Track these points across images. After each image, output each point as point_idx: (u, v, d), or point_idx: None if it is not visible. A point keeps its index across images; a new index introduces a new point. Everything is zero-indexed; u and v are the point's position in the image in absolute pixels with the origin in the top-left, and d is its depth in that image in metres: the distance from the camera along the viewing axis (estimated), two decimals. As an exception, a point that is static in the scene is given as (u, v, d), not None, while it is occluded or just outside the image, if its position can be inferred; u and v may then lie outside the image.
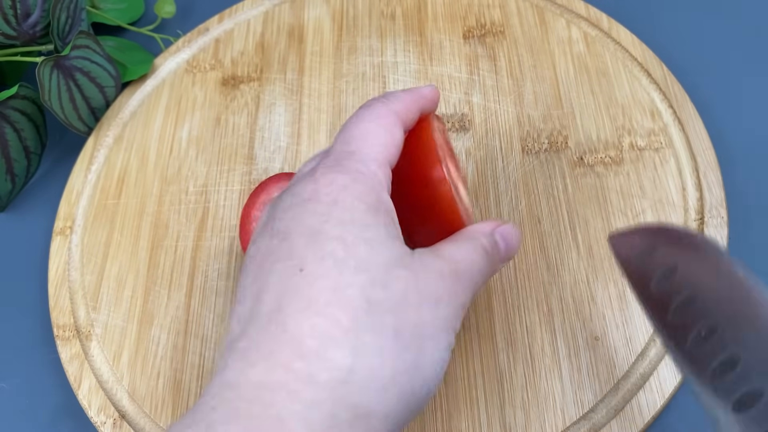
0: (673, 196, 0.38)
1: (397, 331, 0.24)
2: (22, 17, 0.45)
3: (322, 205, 0.26)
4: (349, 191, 0.26)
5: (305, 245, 0.25)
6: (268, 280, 0.24)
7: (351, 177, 0.26)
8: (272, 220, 0.27)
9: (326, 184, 0.26)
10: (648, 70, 0.42)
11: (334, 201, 0.25)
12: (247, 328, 0.24)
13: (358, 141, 0.28)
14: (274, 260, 0.25)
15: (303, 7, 0.50)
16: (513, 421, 0.33)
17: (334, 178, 0.26)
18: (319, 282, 0.24)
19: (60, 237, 0.43)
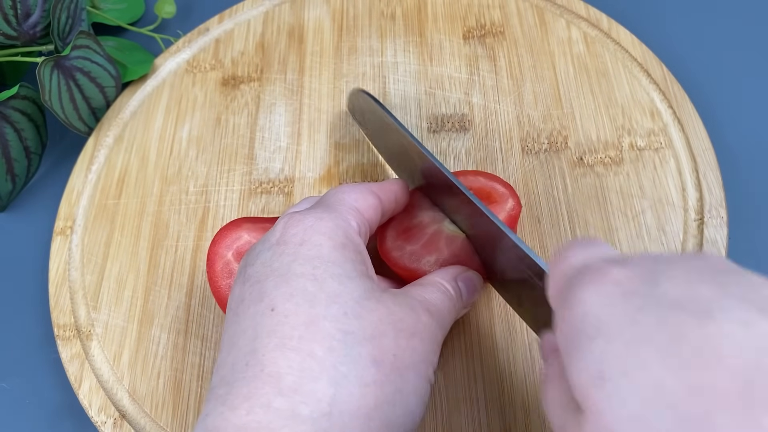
0: (673, 197, 0.38)
1: (376, 360, 0.24)
2: (22, 17, 0.45)
3: (289, 246, 0.26)
4: (315, 229, 0.27)
5: (274, 286, 0.25)
6: (242, 326, 0.25)
7: (317, 217, 0.27)
8: (244, 267, 0.27)
9: (293, 226, 0.27)
10: (648, 70, 0.42)
11: (301, 241, 0.26)
12: (226, 375, 0.24)
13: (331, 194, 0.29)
14: (247, 305, 0.25)
15: (303, 7, 0.50)
16: (513, 421, 0.33)
17: (302, 219, 0.27)
18: (290, 319, 0.24)
19: (60, 237, 0.43)
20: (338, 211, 0.28)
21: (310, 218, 0.27)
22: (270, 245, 0.27)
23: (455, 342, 0.35)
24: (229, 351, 0.24)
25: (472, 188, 0.36)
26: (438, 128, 0.43)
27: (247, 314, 0.25)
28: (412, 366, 0.25)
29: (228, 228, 0.35)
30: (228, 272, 0.34)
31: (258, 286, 0.25)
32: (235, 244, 0.34)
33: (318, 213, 0.28)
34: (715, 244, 0.36)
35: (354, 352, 0.23)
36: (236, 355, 0.24)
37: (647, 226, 0.37)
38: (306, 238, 0.26)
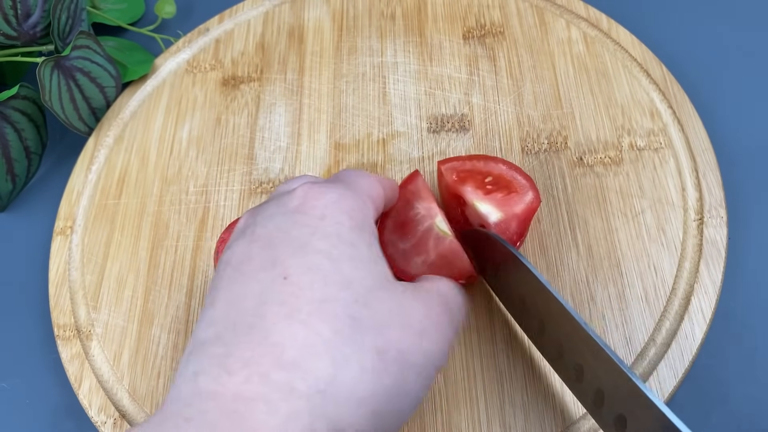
0: (673, 197, 0.38)
1: (380, 351, 0.23)
2: (22, 17, 0.45)
3: (309, 217, 0.26)
4: (337, 206, 0.26)
5: (291, 255, 0.24)
6: (248, 287, 0.24)
7: (339, 194, 0.27)
8: (253, 225, 0.27)
9: (314, 197, 0.26)
10: (647, 70, 0.42)
11: (322, 216, 0.26)
12: (223, 333, 0.23)
13: (344, 176, 0.29)
14: (256, 267, 0.25)
15: (303, 8, 0.50)
16: (513, 421, 0.33)
17: (324, 192, 0.27)
18: (304, 292, 0.23)
19: (60, 237, 0.43)
20: (357, 192, 0.28)
21: (332, 193, 0.27)
22: (286, 211, 0.26)
23: (455, 342, 0.35)
24: (229, 308, 0.24)
25: (492, 174, 0.36)
26: (438, 128, 0.43)
27: (256, 276, 0.24)
28: (415, 366, 0.25)
29: (231, 229, 0.35)
30: None
31: (271, 250, 0.25)
32: None
33: (340, 189, 0.27)
34: (714, 244, 0.36)
35: (359, 338, 0.23)
36: (238, 315, 0.23)
37: (647, 226, 0.37)
38: (327, 213, 0.26)
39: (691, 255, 0.36)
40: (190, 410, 0.21)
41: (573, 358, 0.28)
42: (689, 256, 0.36)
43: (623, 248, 0.36)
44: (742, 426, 0.33)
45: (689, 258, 0.36)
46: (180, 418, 0.21)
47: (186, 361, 0.23)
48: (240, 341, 0.23)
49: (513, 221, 0.35)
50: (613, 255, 0.36)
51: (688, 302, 0.35)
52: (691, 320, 0.34)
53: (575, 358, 0.28)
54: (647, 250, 0.36)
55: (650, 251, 0.36)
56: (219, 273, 0.26)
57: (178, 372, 0.24)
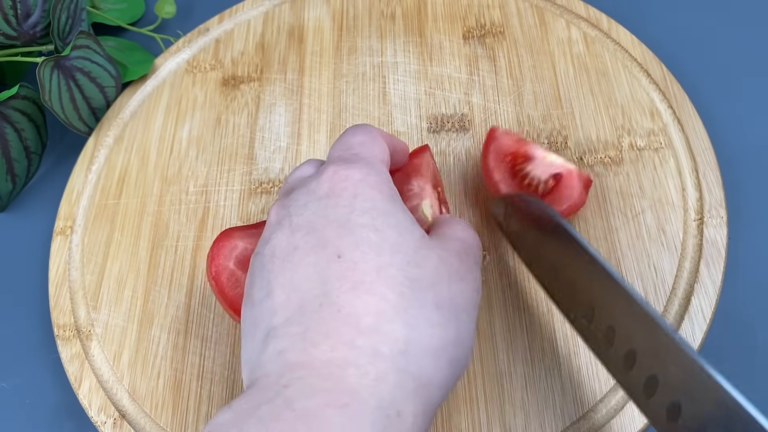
0: (673, 196, 0.38)
1: (437, 305, 0.25)
2: (22, 17, 0.45)
3: (342, 198, 0.27)
4: (366, 183, 0.28)
5: (337, 235, 0.26)
6: (303, 272, 0.25)
7: (364, 172, 0.28)
8: (288, 216, 0.28)
9: (341, 180, 0.28)
10: (647, 70, 0.42)
11: (354, 195, 0.27)
12: (293, 316, 0.25)
13: (358, 147, 0.30)
14: (305, 253, 0.26)
15: (303, 8, 0.50)
16: (513, 420, 0.33)
17: (348, 174, 0.28)
18: (360, 266, 0.25)
19: (60, 237, 0.43)
20: (376, 165, 0.29)
21: (357, 173, 0.28)
22: (319, 197, 0.27)
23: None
24: (291, 294, 0.25)
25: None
26: (438, 128, 0.43)
27: (307, 261, 0.26)
28: (464, 309, 0.26)
29: (221, 240, 0.35)
30: (235, 281, 0.34)
31: (315, 234, 0.26)
32: (234, 254, 0.34)
33: (362, 168, 0.28)
34: (714, 244, 0.36)
35: (420, 297, 0.25)
36: (303, 298, 0.25)
37: (647, 226, 0.37)
38: (358, 191, 0.27)
39: (691, 255, 0.36)
40: (284, 379, 0.23)
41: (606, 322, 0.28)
42: (689, 256, 0.36)
43: (623, 248, 0.36)
44: (742, 426, 0.33)
45: (689, 258, 0.36)
46: (277, 386, 0.23)
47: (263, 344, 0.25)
48: (314, 318, 0.24)
49: (580, 180, 0.36)
50: (613, 255, 0.36)
51: (688, 302, 0.35)
52: (691, 320, 0.34)
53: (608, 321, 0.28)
54: (647, 250, 0.36)
55: (650, 251, 0.36)
56: (265, 266, 0.27)
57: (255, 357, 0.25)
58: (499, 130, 0.39)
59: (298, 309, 0.25)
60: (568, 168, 0.36)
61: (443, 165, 0.41)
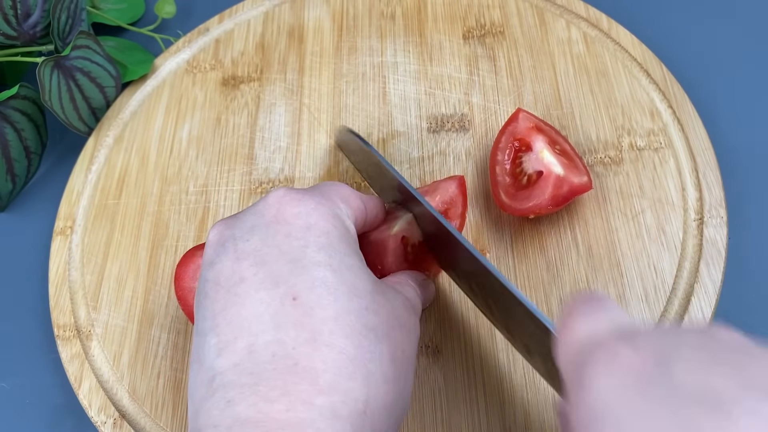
0: (673, 196, 0.38)
1: (392, 358, 0.24)
2: (22, 17, 0.45)
3: (294, 228, 0.25)
4: (320, 214, 0.26)
5: (290, 272, 0.24)
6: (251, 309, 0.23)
7: (317, 201, 0.26)
8: (233, 240, 0.25)
9: (292, 205, 0.26)
10: (647, 70, 0.42)
11: (307, 225, 0.25)
12: (243, 362, 0.23)
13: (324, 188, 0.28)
14: (254, 288, 0.24)
15: (303, 8, 0.50)
16: (513, 421, 0.33)
17: (301, 199, 0.26)
18: (317, 312, 0.23)
19: (60, 237, 0.43)
20: (333, 200, 0.27)
21: (310, 201, 0.26)
22: (267, 222, 0.25)
23: (455, 342, 0.35)
24: (237, 335, 0.23)
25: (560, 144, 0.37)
26: (438, 128, 0.43)
27: (256, 297, 0.24)
28: (410, 360, 0.26)
29: (184, 262, 0.34)
30: None
31: (265, 267, 0.24)
32: (197, 274, 0.34)
33: (316, 197, 0.26)
34: (714, 244, 0.36)
35: (377, 349, 0.24)
36: (254, 342, 0.23)
37: (647, 226, 0.37)
38: (311, 222, 0.25)
39: (691, 255, 0.36)
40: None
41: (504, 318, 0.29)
42: (689, 256, 0.36)
43: (623, 248, 0.36)
44: (742, 426, 0.33)
45: (689, 258, 0.36)
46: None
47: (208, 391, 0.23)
48: (267, 370, 0.22)
49: (566, 185, 0.36)
50: (613, 255, 0.36)
51: (688, 302, 0.35)
52: (691, 320, 0.34)
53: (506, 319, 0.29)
54: (647, 250, 0.36)
55: (650, 251, 0.36)
56: (208, 294, 0.25)
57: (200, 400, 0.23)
58: (523, 114, 0.39)
59: (248, 354, 0.23)
60: (549, 170, 0.36)
61: (443, 165, 0.41)
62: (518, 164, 0.38)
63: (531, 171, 0.37)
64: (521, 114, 0.39)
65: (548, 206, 0.35)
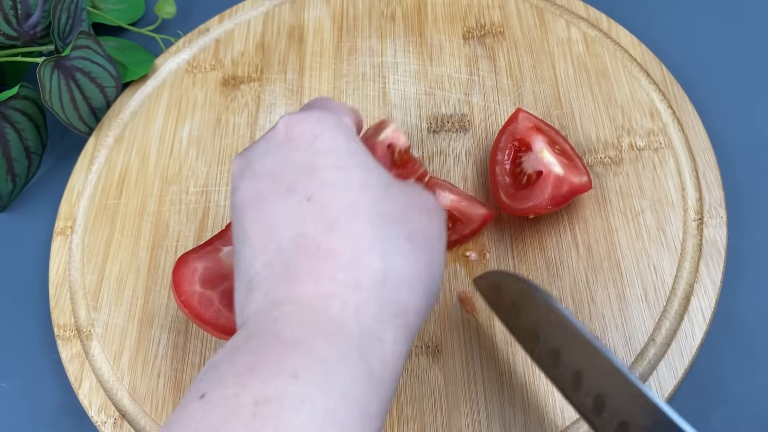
0: (673, 196, 0.38)
1: (409, 237, 0.26)
2: (22, 18, 0.45)
3: (302, 141, 0.27)
4: (323, 125, 0.28)
5: (303, 179, 0.26)
6: (274, 218, 0.26)
7: (317, 115, 0.28)
8: (249, 166, 0.28)
9: (297, 124, 0.28)
10: (647, 70, 0.42)
11: (313, 137, 0.28)
12: (272, 258, 0.26)
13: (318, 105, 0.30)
14: (273, 199, 0.27)
15: (303, 8, 0.50)
16: (513, 420, 0.33)
17: (304, 118, 0.28)
18: (331, 205, 0.26)
19: (61, 237, 0.43)
20: (333, 111, 0.29)
21: (312, 117, 0.28)
22: (277, 144, 0.28)
23: (455, 342, 0.35)
24: (267, 240, 0.26)
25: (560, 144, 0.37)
26: (438, 128, 0.43)
27: (277, 207, 0.26)
28: (435, 239, 0.28)
29: (180, 267, 0.35)
30: (207, 301, 0.34)
31: (281, 181, 0.27)
32: (196, 276, 0.35)
33: (317, 112, 0.28)
34: (714, 244, 0.36)
35: (392, 230, 0.26)
36: (280, 241, 0.26)
37: (647, 226, 0.37)
38: (317, 132, 0.27)
39: (690, 255, 0.36)
40: (273, 315, 0.24)
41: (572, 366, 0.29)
42: (689, 256, 0.36)
43: (623, 248, 0.36)
44: (742, 426, 0.33)
45: (689, 258, 0.36)
46: (266, 322, 0.24)
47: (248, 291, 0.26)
48: (293, 258, 0.25)
49: (565, 185, 0.36)
50: (613, 255, 0.36)
51: (687, 302, 0.35)
52: (691, 320, 0.34)
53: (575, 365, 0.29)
54: (647, 250, 0.36)
55: (650, 251, 0.36)
56: (238, 216, 0.28)
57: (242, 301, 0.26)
58: (523, 114, 0.39)
59: (276, 252, 0.26)
60: (549, 170, 0.36)
61: (443, 165, 0.41)
62: (518, 164, 0.38)
63: (531, 171, 0.37)
64: (521, 114, 0.39)
65: (548, 206, 0.35)
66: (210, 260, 0.35)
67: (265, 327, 0.24)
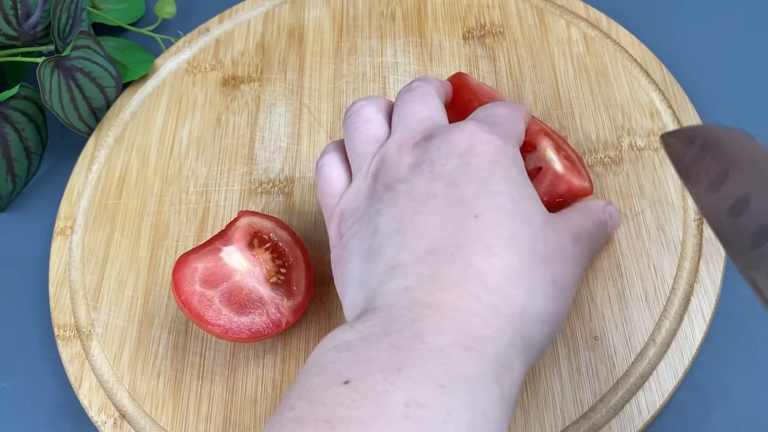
0: (673, 196, 0.38)
1: (554, 280, 0.28)
2: (22, 18, 0.45)
3: (483, 160, 0.29)
4: (504, 153, 0.29)
5: (476, 196, 0.27)
6: (439, 220, 0.27)
7: (503, 141, 0.30)
8: (430, 162, 0.29)
9: (483, 142, 0.29)
10: (647, 70, 0.42)
11: (494, 160, 0.29)
12: (424, 257, 0.26)
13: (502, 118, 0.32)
14: (443, 204, 0.28)
15: (303, 8, 0.50)
16: (513, 420, 0.33)
17: (490, 138, 0.29)
18: (495, 229, 0.27)
19: (61, 237, 0.43)
20: (513, 138, 0.31)
21: (497, 140, 0.29)
22: (461, 152, 0.29)
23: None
24: (423, 236, 0.27)
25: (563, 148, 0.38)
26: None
27: (444, 212, 0.27)
28: (569, 288, 0.29)
29: (180, 268, 0.35)
30: (207, 302, 0.34)
31: (456, 189, 0.28)
32: (196, 276, 0.34)
33: (502, 137, 0.30)
34: (714, 244, 0.36)
35: (541, 270, 0.27)
36: (435, 244, 0.26)
37: (647, 226, 0.37)
38: (498, 158, 0.29)
39: (690, 255, 0.36)
40: (412, 314, 0.24)
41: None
42: (689, 256, 0.36)
43: (623, 248, 0.36)
44: (742, 426, 0.33)
45: (689, 258, 0.36)
46: (405, 319, 0.24)
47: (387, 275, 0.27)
48: (444, 265, 0.26)
49: (563, 183, 0.36)
50: (613, 255, 0.36)
51: (687, 302, 0.35)
52: (691, 320, 0.34)
53: None
54: (647, 250, 0.36)
55: (650, 251, 0.36)
56: (398, 202, 0.28)
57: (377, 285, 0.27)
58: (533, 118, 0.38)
59: (429, 252, 0.26)
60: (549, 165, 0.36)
61: (443, 165, 0.41)
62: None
63: (531, 167, 0.37)
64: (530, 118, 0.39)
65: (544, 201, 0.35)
66: (210, 260, 0.35)
67: (404, 325, 0.24)
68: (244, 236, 0.36)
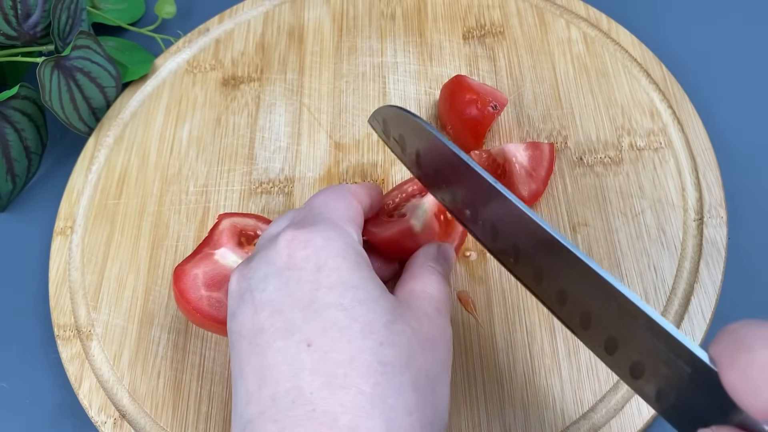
0: (673, 196, 0.38)
1: (414, 386, 0.24)
2: (22, 18, 0.45)
3: (305, 272, 0.26)
4: (328, 252, 0.26)
5: (303, 318, 0.25)
6: (272, 358, 0.24)
7: (325, 236, 0.26)
8: (250, 291, 0.26)
9: (300, 248, 0.26)
10: (647, 70, 0.42)
11: (317, 267, 0.26)
12: (267, 410, 0.24)
13: (320, 207, 0.29)
14: (272, 337, 0.25)
15: (303, 8, 0.50)
16: (513, 420, 0.33)
17: (309, 240, 0.26)
18: (331, 355, 0.24)
19: (61, 237, 0.43)
20: (339, 226, 0.27)
21: (318, 238, 0.26)
22: (278, 269, 0.26)
23: (455, 342, 0.35)
24: (261, 384, 0.24)
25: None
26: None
27: (275, 347, 0.25)
28: (438, 377, 0.26)
29: (180, 277, 0.35)
30: (217, 303, 0.34)
31: (281, 316, 0.25)
32: (198, 282, 0.35)
33: (322, 231, 0.27)
34: (714, 244, 0.36)
35: (396, 382, 0.24)
36: (275, 390, 0.24)
37: (647, 226, 0.37)
38: (321, 262, 0.26)
39: (690, 255, 0.36)
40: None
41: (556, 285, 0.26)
42: (689, 256, 0.36)
43: (623, 248, 0.36)
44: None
45: (689, 258, 0.36)
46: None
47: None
48: (288, 416, 0.23)
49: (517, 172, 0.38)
50: (613, 255, 0.36)
51: (687, 302, 0.35)
52: (691, 320, 0.34)
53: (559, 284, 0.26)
54: (647, 250, 0.36)
55: (650, 251, 0.36)
56: (234, 344, 0.26)
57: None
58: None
59: (272, 402, 0.24)
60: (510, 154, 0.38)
61: (443, 165, 0.41)
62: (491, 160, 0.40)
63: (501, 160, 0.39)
64: None
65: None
66: (207, 265, 0.35)
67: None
68: (231, 237, 0.37)
